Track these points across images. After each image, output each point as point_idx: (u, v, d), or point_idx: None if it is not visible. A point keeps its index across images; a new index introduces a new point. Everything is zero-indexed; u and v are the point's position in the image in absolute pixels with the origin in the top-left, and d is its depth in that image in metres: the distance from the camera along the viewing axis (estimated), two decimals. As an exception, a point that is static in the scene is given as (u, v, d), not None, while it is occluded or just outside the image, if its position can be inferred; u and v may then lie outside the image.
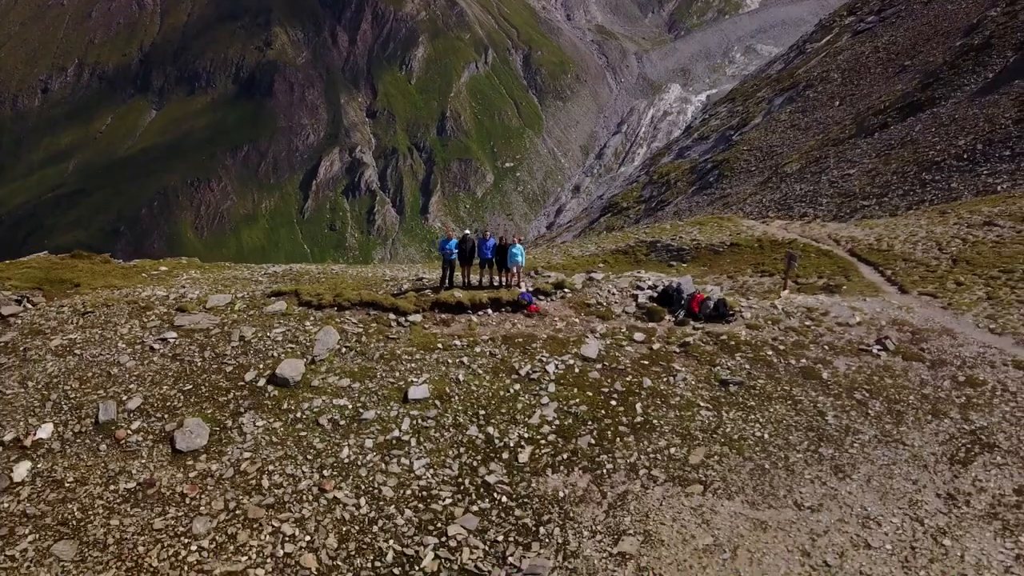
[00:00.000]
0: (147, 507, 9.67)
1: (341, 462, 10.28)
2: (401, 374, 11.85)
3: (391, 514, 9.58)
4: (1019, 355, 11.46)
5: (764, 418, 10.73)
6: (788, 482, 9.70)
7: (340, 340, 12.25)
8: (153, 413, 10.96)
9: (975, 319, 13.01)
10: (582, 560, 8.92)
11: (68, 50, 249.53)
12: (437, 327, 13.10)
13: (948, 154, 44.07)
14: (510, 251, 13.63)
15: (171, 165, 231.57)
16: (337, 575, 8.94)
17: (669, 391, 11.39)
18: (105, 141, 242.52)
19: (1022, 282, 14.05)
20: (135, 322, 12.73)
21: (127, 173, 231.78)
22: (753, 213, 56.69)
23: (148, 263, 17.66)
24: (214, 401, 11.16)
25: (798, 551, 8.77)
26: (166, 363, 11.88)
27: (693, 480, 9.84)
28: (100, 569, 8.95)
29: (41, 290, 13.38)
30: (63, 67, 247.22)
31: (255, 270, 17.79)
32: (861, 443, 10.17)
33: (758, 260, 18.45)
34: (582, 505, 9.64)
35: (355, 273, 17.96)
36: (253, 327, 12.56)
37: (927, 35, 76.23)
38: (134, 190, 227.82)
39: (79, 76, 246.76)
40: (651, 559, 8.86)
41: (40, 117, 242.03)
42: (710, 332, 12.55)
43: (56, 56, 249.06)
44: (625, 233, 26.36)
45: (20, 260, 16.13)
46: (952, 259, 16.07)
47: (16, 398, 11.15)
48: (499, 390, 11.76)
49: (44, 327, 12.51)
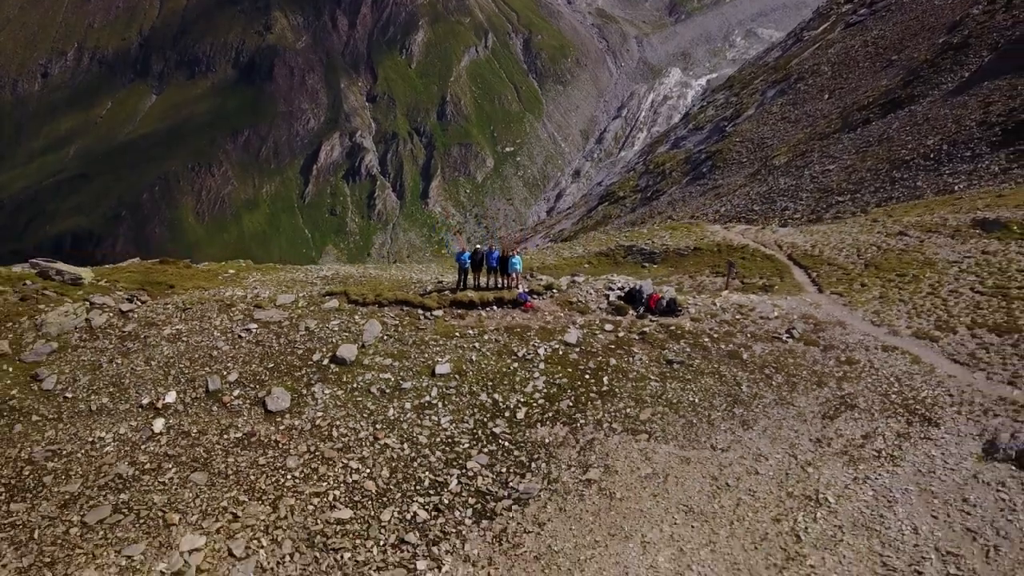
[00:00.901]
0: (252, 450, 13.77)
1: (388, 419, 14.38)
2: (429, 355, 15.93)
3: (426, 454, 13.68)
4: (887, 342, 15.42)
5: (696, 387, 14.80)
6: (708, 432, 13.78)
7: (382, 330, 16.30)
8: (247, 384, 15.05)
9: (864, 314, 16.95)
10: (560, 484, 13.02)
11: (67, 34, 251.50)
12: (455, 320, 17.16)
13: (917, 153, 47.83)
14: (510, 261, 17.63)
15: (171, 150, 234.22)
16: (390, 496, 13.05)
17: (628, 368, 15.46)
18: (105, 126, 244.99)
19: (909, 284, 17.97)
20: (224, 316, 16.75)
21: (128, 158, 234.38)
22: (739, 206, 60.49)
23: (217, 266, 21.63)
24: (291, 375, 15.25)
25: (710, 477, 12.86)
26: (252, 347, 15.95)
27: (641, 431, 13.93)
28: (226, 490, 13.06)
29: (145, 291, 17.37)
30: (63, 51, 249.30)
31: (308, 272, 21.76)
32: (763, 405, 14.24)
33: (715, 262, 22.44)
34: (561, 448, 13.74)
35: (388, 276, 21.94)
36: (315, 320, 16.61)
37: (914, 30, 79.48)
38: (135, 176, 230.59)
39: (79, 60, 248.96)
40: (608, 483, 12.96)
41: (40, 102, 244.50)
42: (663, 324, 16.59)
43: (56, 40, 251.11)
44: (609, 236, 30.29)
45: (120, 266, 20.06)
46: (865, 264, 19.99)
47: (145, 373, 15.23)
48: (502, 367, 15.83)
49: (156, 320, 16.54)
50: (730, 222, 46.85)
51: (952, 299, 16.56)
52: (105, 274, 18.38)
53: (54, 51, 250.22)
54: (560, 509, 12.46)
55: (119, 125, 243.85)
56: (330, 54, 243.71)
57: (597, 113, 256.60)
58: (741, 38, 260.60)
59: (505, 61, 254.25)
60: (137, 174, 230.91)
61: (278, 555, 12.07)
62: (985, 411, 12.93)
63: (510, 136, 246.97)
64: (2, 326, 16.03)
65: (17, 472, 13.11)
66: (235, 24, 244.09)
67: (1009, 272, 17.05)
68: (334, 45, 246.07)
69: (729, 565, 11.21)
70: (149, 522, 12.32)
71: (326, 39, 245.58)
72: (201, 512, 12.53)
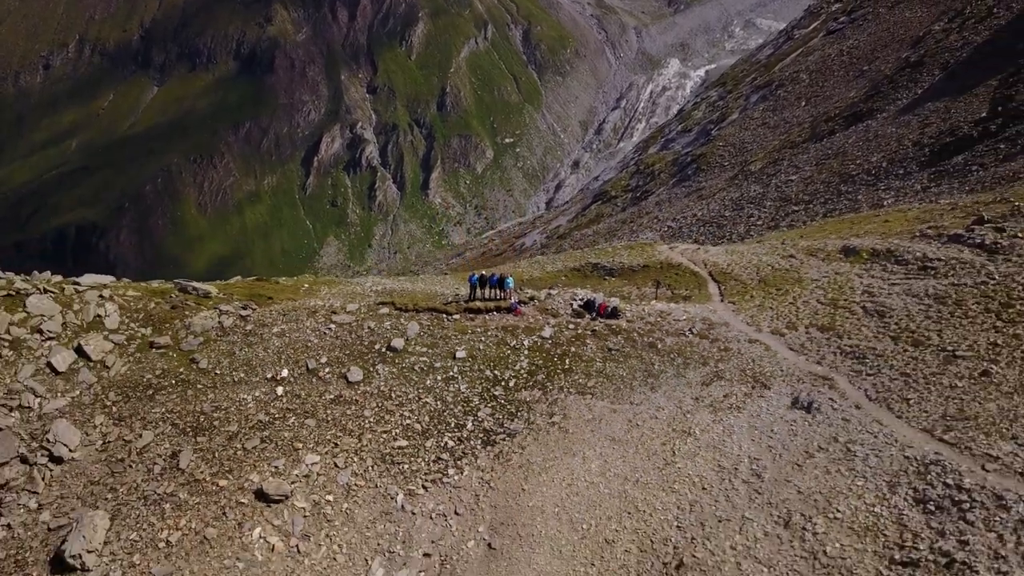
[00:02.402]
0: (341, 406, 22.26)
1: (426, 386, 22.85)
2: (451, 345, 24.39)
3: (451, 408, 22.16)
4: (752, 336, 23.76)
5: (625, 366, 23.25)
6: (629, 394, 22.25)
7: (420, 329, 24.76)
8: (333, 364, 23.53)
9: (744, 317, 25.24)
10: (535, 425, 21.49)
11: (68, 26, 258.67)
12: (468, 321, 25.61)
13: (863, 168, 55.95)
14: (505, 281, 26.03)
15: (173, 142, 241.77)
16: (430, 432, 21.53)
17: (582, 353, 23.91)
18: (107, 118, 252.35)
19: (781, 296, 26.18)
20: (311, 319, 25.20)
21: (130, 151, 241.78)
22: (714, 211, 68.75)
23: (295, 282, 29.98)
24: (362, 358, 23.73)
25: (626, 420, 21.34)
26: (333, 340, 24.42)
27: (587, 393, 22.40)
28: (328, 430, 21.55)
29: (253, 301, 25.78)
30: (64, 43, 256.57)
31: (362, 286, 30.10)
32: (666, 377, 22.69)
33: (657, 276, 30.72)
34: (536, 404, 22.22)
35: (420, 290, 30.34)
36: (374, 321, 25.07)
37: (885, 41, 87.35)
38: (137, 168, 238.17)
39: (80, 52, 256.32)
40: (564, 424, 21.42)
41: (42, 95, 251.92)
42: (607, 324, 24.99)
43: (57, 32, 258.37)
44: (582, 254, 38.61)
45: (230, 283, 28.38)
46: (759, 280, 28.23)
47: (265, 358, 23.70)
48: (499, 353, 24.26)
49: (265, 322, 24.99)
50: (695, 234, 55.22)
51: (802, 307, 24.84)
52: (223, 288, 26.80)
53: (55, 43, 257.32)
54: (534, 439, 20.97)
55: (121, 117, 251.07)
56: (330, 46, 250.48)
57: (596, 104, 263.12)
58: (740, 28, 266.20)
59: (504, 52, 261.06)
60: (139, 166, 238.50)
61: (363, 467, 20.59)
62: (798, 380, 21.37)
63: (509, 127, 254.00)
64: (162, 326, 24.50)
65: (196, 419, 21.60)
66: (235, 16, 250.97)
67: (844, 288, 25.31)
68: (334, 37, 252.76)
69: (632, 469, 19.72)
70: (284, 448, 20.84)
71: (326, 31, 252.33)
72: (315, 442, 21.05)
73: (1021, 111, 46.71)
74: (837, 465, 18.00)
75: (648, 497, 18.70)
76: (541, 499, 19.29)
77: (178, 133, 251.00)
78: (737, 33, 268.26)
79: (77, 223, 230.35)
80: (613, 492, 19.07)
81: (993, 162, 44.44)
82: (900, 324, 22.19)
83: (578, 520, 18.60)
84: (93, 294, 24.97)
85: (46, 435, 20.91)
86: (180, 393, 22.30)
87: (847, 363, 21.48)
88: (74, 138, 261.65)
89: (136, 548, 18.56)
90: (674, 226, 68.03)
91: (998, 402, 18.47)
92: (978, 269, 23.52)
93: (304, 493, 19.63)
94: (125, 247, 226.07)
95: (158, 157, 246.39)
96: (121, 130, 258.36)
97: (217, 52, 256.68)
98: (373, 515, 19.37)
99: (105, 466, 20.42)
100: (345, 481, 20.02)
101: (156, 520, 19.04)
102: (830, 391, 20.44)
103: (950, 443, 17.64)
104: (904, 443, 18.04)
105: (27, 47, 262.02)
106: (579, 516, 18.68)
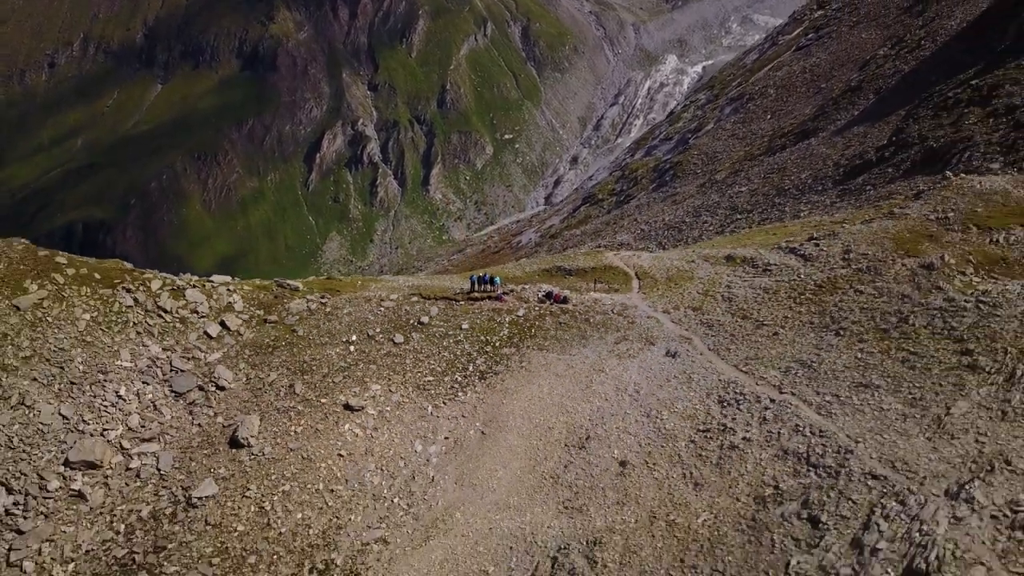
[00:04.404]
0: (390, 357, 37.54)
1: (444, 345, 38.14)
2: (458, 321, 39.59)
3: (460, 358, 37.46)
4: (650, 314, 38.73)
5: (568, 333, 38.41)
6: (569, 349, 37.45)
7: (438, 310, 39.93)
8: (383, 332, 38.82)
9: (648, 302, 40.10)
10: (511, 367, 36.73)
11: (73, 24, 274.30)
12: (469, 305, 40.79)
13: (794, 184, 70.79)
14: (494, 279, 41.16)
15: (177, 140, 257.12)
16: (447, 372, 36.81)
17: (543, 326, 39.10)
18: (112, 117, 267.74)
19: (676, 288, 40.97)
20: (368, 304, 40.33)
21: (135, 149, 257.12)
22: (677, 216, 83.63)
23: (351, 280, 45.01)
24: (402, 329, 38.96)
25: (566, 365, 36.59)
26: (383, 317, 39.66)
27: (544, 349, 37.62)
28: (384, 371, 36.85)
29: (327, 292, 40.89)
30: (68, 42, 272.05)
31: (397, 282, 45.19)
32: (593, 339, 37.83)
33: (600, 276, 45.55)
34: (512, 356, 37.48)
35: (437, 285, 45.46)
36: (409, 306, 40.23)
37: (842, 61, 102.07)
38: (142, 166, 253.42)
39: (84, 51, 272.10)
40: (528, 367, 36.68)
41: (47, 93, 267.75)
42: (561, 307, 40.10)
43: (61, 31, 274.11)
44: (551, 259, 53.69)
45: (308, 280, 43.52)
46: (667, 277, 43.00)
47: (340, 329, 39.00)
48: (490, 325, 39.44)
49: (338, 306, 40.16)
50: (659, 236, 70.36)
51: (685, 296, 39.76)
52: (306, 283, 42.03)
53: (60, 42, 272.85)
54: (510, 376, 36.18)
55: (125, 115, 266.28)
56: (332, 44, 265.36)
57: (595, 100, 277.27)
58: (737, 25, 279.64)
59: (504, 49, 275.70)
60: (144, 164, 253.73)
61: (407, 392, 35.84)
62: (671, 340, 36.46)
63: (509, 123, 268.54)
64: (271, 309, 39.73)
65: (301, 365, 36.83)
66: (238, 15, 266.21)
67: (714, 283, 40.16)
68: (335, 35, 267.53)
69: (566, 390, 34.92)
70: (358, 381, 36.09)
71: (327, 29, 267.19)
72: (376, 377, 36.29)
73: (908, 141, 61.60)
74: (682, 385, 33.14)
75: (574, 405, 33.87)
76: (512, 407, 34.46)
77: (182, 131, 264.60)
78: (734, 29, 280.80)
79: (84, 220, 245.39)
80: (554, 403, 34.24)
81: (881, 183, 59.39)
82: (738, 305, 37.35)
83: (532, 418, 33.77)
84: (223, 288, 40.21)
85: (212, 374, 36.12)
86: (288, 350, 37.52)
87: (702, 329, 36.67)
88: (79, 136, 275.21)
89: (277, 436, 33.74)
90: (646, 229, 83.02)
91: (777, 350, 33.59)
92: (795, 271, 38.64)
93: (372, 405, 34.84)
94: (131, 244, 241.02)
95: (162, 155, 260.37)
96: (126, 128, 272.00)
97: (220, 51, 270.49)
98: (414, 417, 34.58)
99: (250, 392, 35.64)
100: (396, 399, 35.24)
101: (286, 421, 34.24)
102: (688, 345, 35.61)
103: (744, 372, 32.77)
104: (720, 372, 33.18)
105: (32, 46, 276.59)
106: (533, 415, 33.86)
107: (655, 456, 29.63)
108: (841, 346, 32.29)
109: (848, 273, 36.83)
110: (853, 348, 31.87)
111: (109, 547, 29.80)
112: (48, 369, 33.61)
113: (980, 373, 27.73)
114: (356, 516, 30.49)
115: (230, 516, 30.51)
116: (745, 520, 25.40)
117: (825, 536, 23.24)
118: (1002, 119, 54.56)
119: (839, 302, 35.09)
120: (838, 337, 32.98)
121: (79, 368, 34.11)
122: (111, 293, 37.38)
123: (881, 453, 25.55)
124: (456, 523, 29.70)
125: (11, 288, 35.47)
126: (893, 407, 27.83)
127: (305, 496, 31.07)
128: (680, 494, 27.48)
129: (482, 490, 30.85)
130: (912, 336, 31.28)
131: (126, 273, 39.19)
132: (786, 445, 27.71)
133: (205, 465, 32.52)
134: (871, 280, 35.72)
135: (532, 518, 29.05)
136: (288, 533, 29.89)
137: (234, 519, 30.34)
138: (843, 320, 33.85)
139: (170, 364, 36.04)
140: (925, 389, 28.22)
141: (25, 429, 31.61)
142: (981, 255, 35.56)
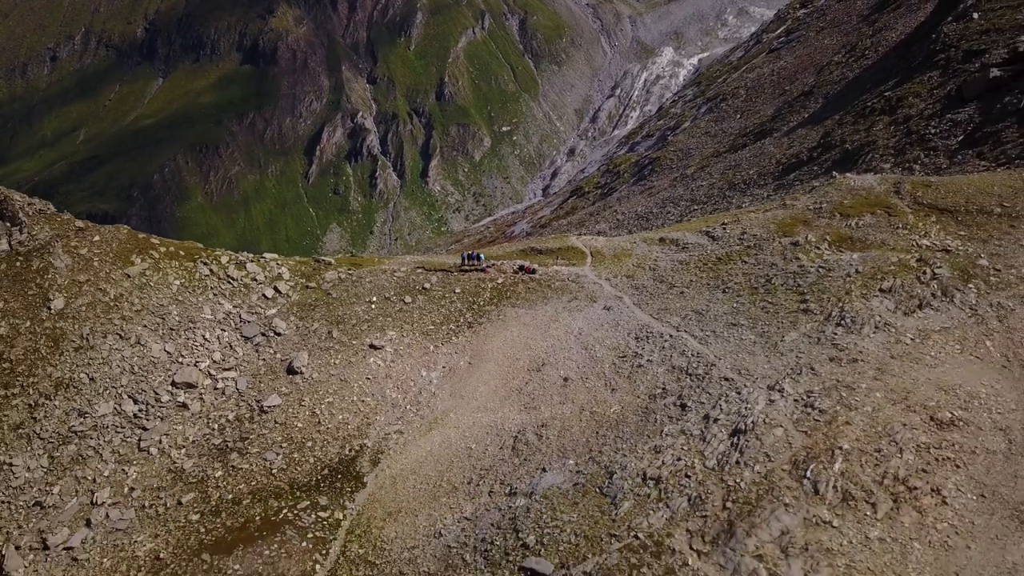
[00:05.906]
0: (404, 312, 53.04)
1: (443, 305, 53.60)
2: (452, 286, 54.99)
3: (453, 314, 52.88)
4: (595, 281, 53.82)
5: (536, 295, 53.73)
6: (534, 306, 52.82)
7: (437, 279, 55.26)
8: (396, 294, 54.29)
9: (597, 272, 55.14)
10: (491, 319, 52.13)
11: (74, 18, 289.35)
12: (461, 275, 56.15)
13: (743, 179, 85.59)
14: (481, 255, 56.37)
15: (179, 134, 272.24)
16: (444, 323, 52.22)
17: (517, 290, 54.43)
18: (113, 111, 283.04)
19: (618, 262, 55.87)
20: (384, 274, 55.76)
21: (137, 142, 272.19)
22: (649, 207, 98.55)
23: (369, 258, 59.95)
24: (411, 292, 54.36)
25: (532, 316, 51.97)
26: (396, 283, 55.11)
27: (516, 306, 53.01)
28: (398, 321, 52.27)
29: (353, 266, 56.18)
30: (70, 35, 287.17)
31: (404, 259, 60.43)
32: (554, 299, 53.12)
33: (562, 254, 60.67)
34: (492, 311, 52.91)
35: (436, 260, 60.60)
36: (415, 276, 55.57)
37: (805, 65, 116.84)
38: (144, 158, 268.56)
39: (86, 45, 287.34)
40: (503, 318, 52.07)
41: (50, 87, 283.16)
42: (530, 277, 55.39)
43: (63, 25, 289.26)
44: (528, 242, 68.90)
45: (338, 256, 58.58)
46: (614, 255, 57.88)
47: (363, 291, 54.47)
48: (476, 290, 54.82)
49: (362, 276, 55.51)
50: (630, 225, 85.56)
51: (624, 267, 54.85)
52: (336, 259, 57.37)
53: (62, 35, 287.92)
54: (490, 325, 51.56)
55: (127, 109, 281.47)
56: (331, 37, 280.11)
57: (591, 92, 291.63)
58: (733, 17, 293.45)
59: (501, 42, 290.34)
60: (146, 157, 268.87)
61: (415, 335, 51.28)
62: (609, 298, 51.67)
63: (507, 116, 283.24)
64: (311, 278, 55.17)
65: (335, 318, 52.30)
66: (238, 9, 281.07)
67: (646, 258, 55.23)
68: (335, 28, 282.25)
69: (530, 334, 50.27)
70: (379, 328, 51.57)
71: (327, 22, 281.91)
72: (392, 326, 51.78)
73: (832, 143, 76.68)
74: (611, 328, 48.37)
75: (535, 343, 49.10)
76: (491, 347, 49.70)
77: (183, 124, 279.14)
78: (730, 21, 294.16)
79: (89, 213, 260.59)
80: (521, 343, 49.49)
81: (807, 179, 74.47)
82: (660, 274, 52.58)
83: (506, 353, 49.02)
84: (274, 262, 55.54)
85: (271, 324, 51.43)
86: (326, 307, 52.85)
87: (631, 291, 51.93)
88: (81, 130, 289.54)
89: (321, 366, 49.02)
90: (621, 219, 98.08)
91: (681, 304, 48.82)
92: (704, 248, 53.82)
93: (390, 345, 50.15)
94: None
95: (165, 148, 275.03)
96: (128, 122, 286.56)
97: (220, 44, 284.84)
98: (420, 353, 49.87)
99: (299, 337, 50.97)
100: (408, 341, 50.56)
101: (328, 356, 49.54)
102: (620, 302, 50.84)
103: (655, 319, 48.03)
104: (639, 319, 48.41)
105: (34, 40, 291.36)
106: (506, 351, 49.10)
107: (587, 374, 44.93)
108: (724, 300, 47.57)
109: (740, 249, 52.11)
110: (732, 300, 47.15)
111: (208, 437, 45.16)
112: (153, 319, 48.96)
113: (810, 315, 43.01)
114: (380, 416, 45.86)
115: (292, 418, 45.86)
116: (641, 408, 40.65)
117: (688, 414, 38.41)
118: (900, 127, 69.52)
119: (729, 270, 50.38)
120: (724, 294, 48.26)
121: (175, 319, 49.46)
122: (193, 265, 52.76)
123: (733, 365, 40.73)
124: (450, 420, 44.99)
125: (123, 261, 50.81)
126: (748, 337, 43.08)
127: (344, 404, 46.43)
128: (601, 396, 42.75)
129: (468, 399, 46.14)
130: (772, 291, 46.56)
131: (202, 251, 54.54)
132: (674, 363, 42.95)
133: (271, 386, 47.86)
134: (755, 253, 51.01)
135: (502, 415, 44.33)
136: (333, 428, 45.24)
137: (294, 419, 45.71)
138: (729, 282, 49.13)
139: (239, 317, 51.39)
140: (772, 325, 43.48)
141: (142, 360, 46.97)
142: (835, 235, 50.76)
